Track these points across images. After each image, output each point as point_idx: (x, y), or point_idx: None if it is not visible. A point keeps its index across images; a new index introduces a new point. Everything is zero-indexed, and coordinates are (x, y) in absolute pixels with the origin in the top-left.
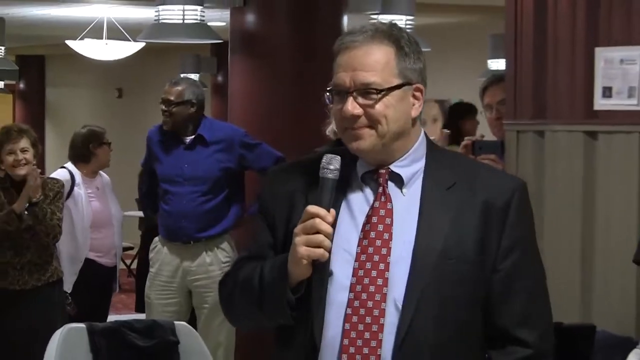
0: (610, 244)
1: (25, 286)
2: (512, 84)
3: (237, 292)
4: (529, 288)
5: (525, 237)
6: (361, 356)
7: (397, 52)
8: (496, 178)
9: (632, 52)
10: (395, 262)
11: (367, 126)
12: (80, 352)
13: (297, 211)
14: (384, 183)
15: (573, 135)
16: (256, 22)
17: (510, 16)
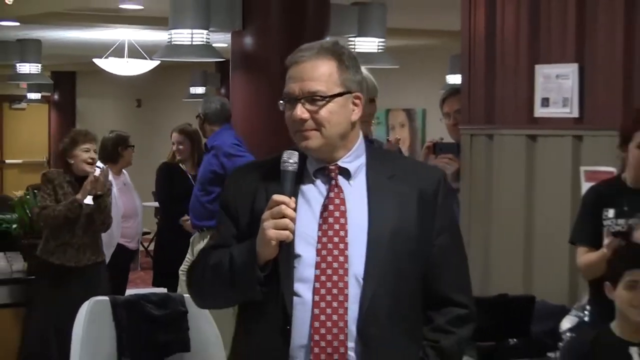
0: (547, 228)
1: (79, 264)
2: (466, 95)
3: (209, 276)
4: (459, 261)
5: (452, 219)
6: (331, 322)
7: (339, 66)
8: (424, 169)
9: (565, 69)
10: (353, 242)
11: (314, 129)
12: (104, 321)
13: (258, 203)
14: (335, 176)
15: (517, 138)
16: (253, 43)
17: (465, 39)
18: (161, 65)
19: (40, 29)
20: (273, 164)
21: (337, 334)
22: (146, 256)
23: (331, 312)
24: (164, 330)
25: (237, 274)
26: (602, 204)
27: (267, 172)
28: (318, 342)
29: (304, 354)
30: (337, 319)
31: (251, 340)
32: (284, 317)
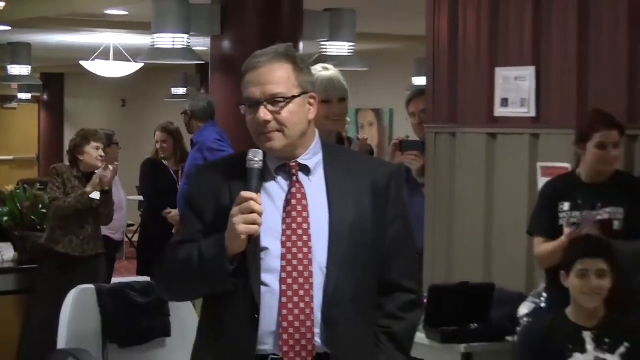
0: (506, 220)
1: (83, 254)
2: (431, 96)
3: (179, 270)
4: (408, 250)
5: (404, 210)
6: (298, 310)
7: (295, 68)
8: (377, 164)
9: (523, 72)
10: (316, 234)
11: (277, 130)
12: (90, 308)
13: (222, 200)
14: (296, 173)
15: (478, 136)
16: (231, 46)
17: (430, 44)
18: (144, 68)
19: (30, 33)
20: (234, 162)
21: (304, 321)
22: (130, 247)
23: (298, 300)
24: (147, 316)
25: (208, 267)
26: (557, 197)
27: (229, 170)
28: (286, 328)
29: (272, 340)
30: (304, 306)
31: (220, 328)
32: (252, 306)
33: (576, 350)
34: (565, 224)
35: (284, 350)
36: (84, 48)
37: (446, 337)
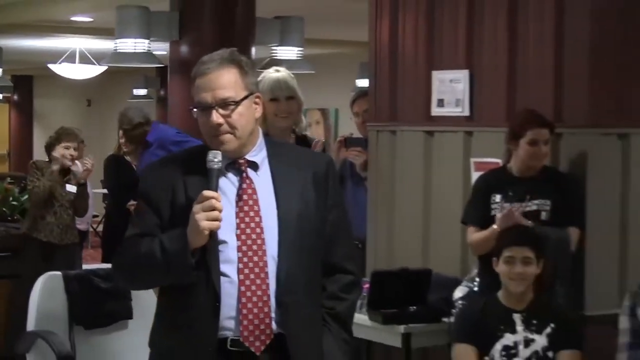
0: (442, 211)
1: (62, 242)
2: (373, 97)
3: (142, 263)
4: (347, 234)
5: (341, 198)
6: (256, 297)
7: (240, 72)
8: (315, 156)
9: (458, 75)
10: (267, 226)
11: (228, 132)
12: (57, 293)
13: (178, 195)
14: (245, 169)
15: (416, 134)
16: (188, 51)
17: (372, 49)
18: (108, 70)
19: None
20: (187, 159)
21: (262, 307)
22: (95, 236)
23: (255, 288)
24: (110, 300)
25: (172, 261)
26: (490, 190)
27: (182, 166)
28: (246, 315)
29: (233, 325)
30: (261, 294)
31: (181, 316)
32: (213, 295)
33: (507, 330)
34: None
35: (244, 335)
36: (51, 52)
37: (387, 318)
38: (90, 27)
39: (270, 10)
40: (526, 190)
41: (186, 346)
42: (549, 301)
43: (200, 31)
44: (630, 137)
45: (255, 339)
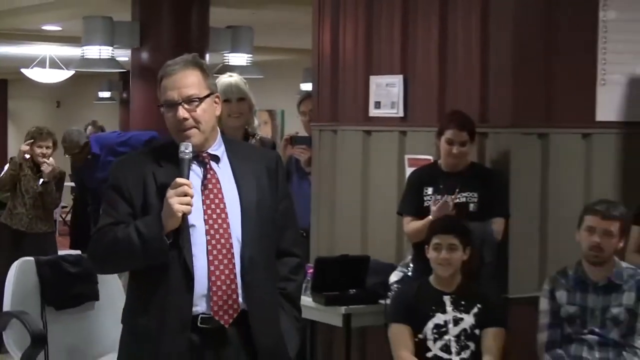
0: (379, 203)
1: (30, 230)
2: (316, 99)
3: (119, 247)
4: (294, 223)
5: (288, 189)
6: (224, 276)
7: (203, 73)
8: (264, 152)
9: (393, 79)
10: (230, 212)
11: (193, 126)
12: (30, 276)
13: (149, 186)
14: (209, 162)
15: (355, 133)
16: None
17: (315, 55)
18: (76, 75)
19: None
20: (152, 154)
21: (230, 285)
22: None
23: (223, 267)
24: (78, 283)
25: (148, 243)
26: (422, 183)
27: (150, 160)
28: (216, 292)
29: (205, 301)
30: (228, 272)
31: (156, 295)
32: (187, 275)
33: (438, 311)
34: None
35: (214, 310)
36: (24, 58)
37: (329, 300)
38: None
39: (223, 20)
40: (455, 184)
41: (161, 323)
42: (476, 284)
43: (159, 39)
44: (549, 136)
45: (224, 314)
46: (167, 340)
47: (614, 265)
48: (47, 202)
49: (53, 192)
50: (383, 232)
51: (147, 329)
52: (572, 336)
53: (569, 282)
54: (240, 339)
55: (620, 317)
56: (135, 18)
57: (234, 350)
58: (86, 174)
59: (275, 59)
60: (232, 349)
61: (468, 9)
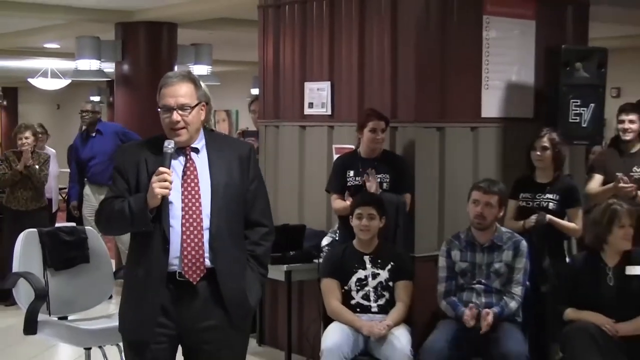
0: (312, 183)
1: (28, 208)
2: (262, 101)
3: (115, 217)
4: (264, 199)
5: (259, 173)
6: (194, 243)
7: (195, 87)
8: (239, 143)
9: (323, 85)
10: (203, 193)
11: (183, 127)
12: (34, 244)
13: (141, 169)
14: (189, 153)
15: (293, 128)
16: (129, 69)
17: (261, 66)
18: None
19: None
20: (146, 145)
21: (198, 250)
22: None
23: (193, 237)
24: (73, 249)
25: (135, 216)
26: (345, 167)
27: (144, 150)
28: (186, 255)
29: (178, 262)
30: (197, 240)
31: (144, 254)
32: (164, 240)
33: (359, 267)
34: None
35: (185, 269)
36: (30, 70)
37: (274, 260)
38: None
39: (188, 39)
40: (371, 167)
41: (147, 274)
42: (390, 246)
43: (137, 54)
44: (445, 129)
45: (193, 272)
46: (151, 288)
47: (496, 230)
48: (35, 182)
49: (36, 172)
50: (315, 206)
51: (137, 278)
52: (464, 286)
53: (461, 244)
54: (209, 293)
55: (501, 271)
56: (117, 37)
57: (202, 302)
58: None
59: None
60: (200, 300)
61: (381, 30)
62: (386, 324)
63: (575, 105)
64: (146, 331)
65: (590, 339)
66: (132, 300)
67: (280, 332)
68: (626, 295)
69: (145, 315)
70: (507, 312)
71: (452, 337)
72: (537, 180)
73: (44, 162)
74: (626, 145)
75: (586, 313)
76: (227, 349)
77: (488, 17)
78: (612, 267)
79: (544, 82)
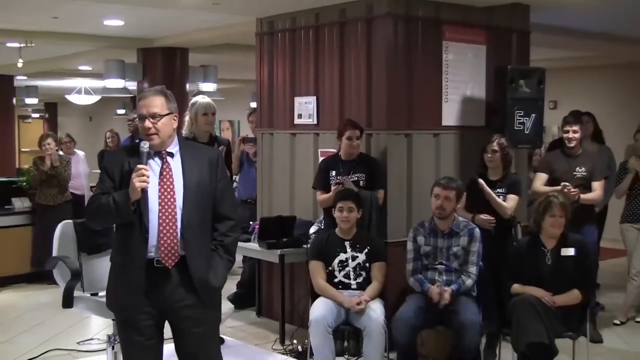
0: (302, 181)
1: (54, 203)
2: (259, 112)
3: (101, 210)
4: (231, 197)
5: (225, 174)
6: (169, 233)
7: (165, 99)
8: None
9: (309, 99)
10: (177, 191)
11: (154, 133)
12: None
13: (124, 168)
14: (165, 156)
15: (285, 135)
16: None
17: (258, 83)
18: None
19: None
20: (129, 149)
21: (172, 239)
22: None
23: (168, 228)
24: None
25: (119, 207)
26: (328, 168)
27: (127, 153)
28: (163, 243)
29: (155, 249)
30: (172, 231)
31: (125, 243)
32: (143, 230)
33: (341, 251)
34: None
35: (161, 256)
36: (67, 88)
37: (270, 245)
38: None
39: (197, 61)
40: (350, 168)
41: (129, 260)
42: (366, 234)
43: (155, 75)
44: (412, 136)
45: (168, 258)
46: (132, 273)
47: (454, 219)
48: (60, 180)
49: (62, 172)
50: (304, 200)
51: (121, 264)
52: (428, 266)
53: (425, 231)
54: (181, 277)
55: (458, 253)
56: (139, 61)
57: (176, 284)
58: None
59: (232, 87)
60: (174, 283)
61: (357, 54)
62: (364, 299)
63: (519, 115)
64: (131, 310)
65: (532, 308)
66: (117, 283)
67: (275, 305)
68: (561, 273)
69: (129, 296)
70: (464, 288)
71: (419, 308)
72: (489, 178)
73: (66, 163)
74: (570, 149)
75: (529, 287)
76: (200, 325)
77: (447, 42)
78: (550, 249)
79: (493, 96)
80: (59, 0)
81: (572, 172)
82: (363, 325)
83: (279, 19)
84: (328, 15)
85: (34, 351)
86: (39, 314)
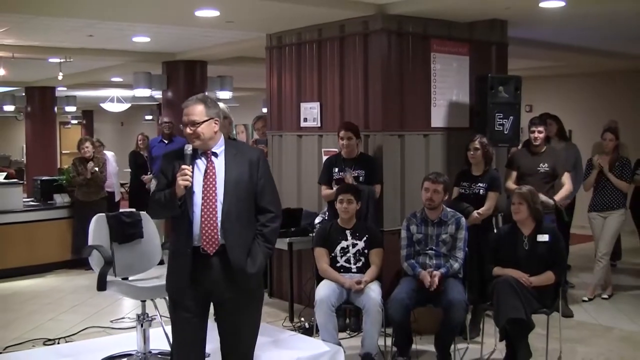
0: (307, 177)
1: (89, 199)
2: (269, 117)
3: (157, 205)
4: (271, 191)
5: (267, 172)
6: (210, 223)
7: (205, 106)
8: (252, 149)
9: (314, 104)
10: (219, 186)
11: (196, 137)
12: (103, 224)
13: (176, 168)
14: (210, 156)
15: (292, 136)
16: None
17: (268, 91)
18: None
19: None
20: (178, 152)
21: (213, 229)
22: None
23: (209, 218)
24: (131, 228)
25: (167, 203)
26: (332, 165)
27: (177, 156)
28: (204, 233)
29: (198, 238)
30: (213, 221)
31: (176, 232)
32: (189, 222)
33: (343, 239)
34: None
35: (204, 244)
36: (102, 97)
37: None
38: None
39: (215, 72)
40: (351, 165)
41: (181, 247)
42: (365, 223)
43: (178, 84)
44: (405, 136)
45: (209, 246)
46: (181, 259)
47: (443, 210)
48: (98, 180)
49: (99, 174)
50: (309, 194)
51: (173, 252)
52: (420, 251)
53: (417, 220)
54: (221, 265)
55: (446, 240)
56: (163, 72)
57: (216, 270)
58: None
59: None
60: (215, 269)
61: (356, 65)
62: (363, 280)
63: (499, 118)
64: (180, 292)
65: (511, 287)
66: (171, 268)
67: (285, 287)
68: (537, 256)
69: (179, 279)
70: (452, 271)
71: (411, 290)
72: (472, 173)
73: (102, 164)
74: (535, 147)
75: (508, 270)
76: (238, 306)
77: (434, 54)
78: (527, 235)
79: (475, 101)
80: (93, 21)
81: (535, 167)
82: (362, 304)
83: (286, 34)
84: (329, 31)
85: (75, 328)
86: (78, 295)
